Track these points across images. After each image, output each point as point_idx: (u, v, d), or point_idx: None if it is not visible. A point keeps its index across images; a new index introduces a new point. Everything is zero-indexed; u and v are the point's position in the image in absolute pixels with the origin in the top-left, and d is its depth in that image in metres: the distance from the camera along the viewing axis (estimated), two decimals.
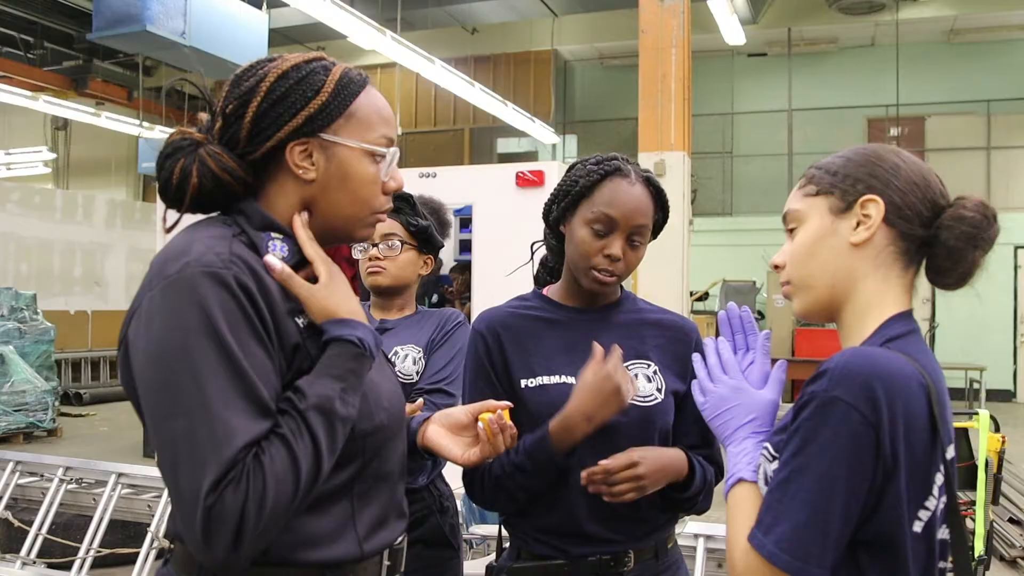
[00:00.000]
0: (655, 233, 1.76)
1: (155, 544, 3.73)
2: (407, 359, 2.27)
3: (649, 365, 1.72)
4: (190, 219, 1.28)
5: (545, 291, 1.82)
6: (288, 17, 10.59)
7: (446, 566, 2.27)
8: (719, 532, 3.08)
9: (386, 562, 1.30)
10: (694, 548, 2.99)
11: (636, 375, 1.69)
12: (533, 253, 1.92)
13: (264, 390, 1.12)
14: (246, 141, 1.23)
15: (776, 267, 1.30)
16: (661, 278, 6.33)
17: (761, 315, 13.35)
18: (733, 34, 12.95)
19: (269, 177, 1.26)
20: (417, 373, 2.26)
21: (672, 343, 1.77)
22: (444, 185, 6.11)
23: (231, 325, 1.10)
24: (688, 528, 2.95)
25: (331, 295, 1.24)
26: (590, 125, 16.62)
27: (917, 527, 1.10)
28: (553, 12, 12.98)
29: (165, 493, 3.82)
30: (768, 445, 1.20)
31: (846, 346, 1.25)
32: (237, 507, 1.04)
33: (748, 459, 1.23)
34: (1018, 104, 14.25)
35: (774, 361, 1.34)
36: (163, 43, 6.75)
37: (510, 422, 1.47)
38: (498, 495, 1.69)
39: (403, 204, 2.34)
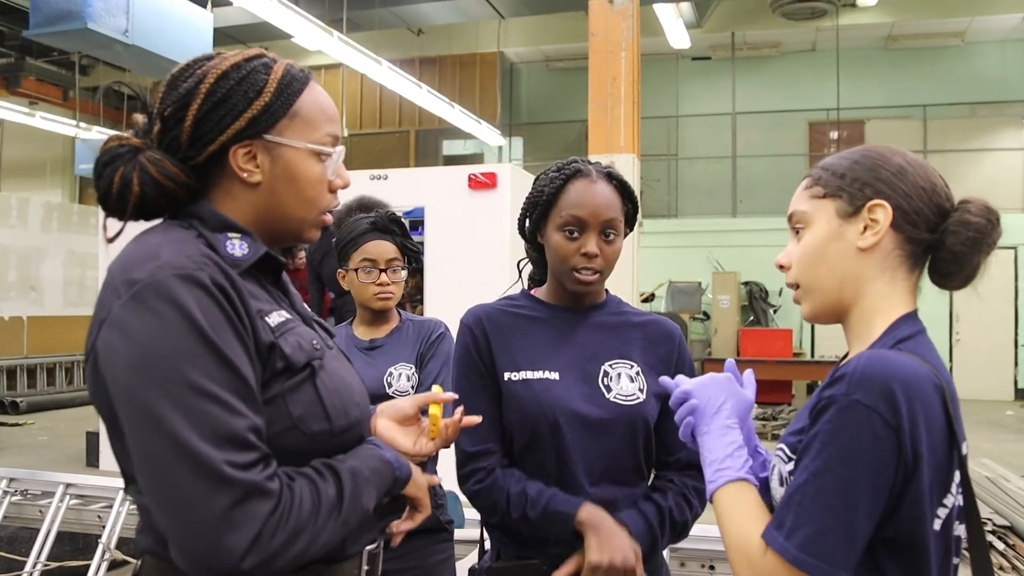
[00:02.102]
0: (630, 225, 1.78)
1: (107, 556, 3.62)
2: (401, 377, 2.36)
3: (632, 366, 1.74)
4: (134, 227, 1.22)
5: (533, 292, 1.85)
6: (232, 17, 10.41)
7: (439, 547, 2.37)
8: (692, 533, 3.08)
9: (364, 566, 1.29)
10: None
11: (619, 374, 1.72)
12: (520, 271, 1.92)
13: (254, 387, 1.10)
14: (187, 145, 1.18)
15: (781, 267, 1.31)
16: (611, 280, 6.33)
17: (706, 315, 13.51)
18: (678, 38, 13.09)
19: (214, 180, 1.22)
20: (412, 388, 2.35)
21: (656, 345, 1.78)
22: (395, 187, 6.07)
23: (213, 325, 1.07)
24: None
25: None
26: (536, 127, 16.67)
27: (936, 525, 1.12)
28: (500, 14, 12.96)
29: (116, 503, 3.71)
30: (784, 446, 1.20)
31: (853, 346, 1.26)
32: (262, 515, 1.03)
33: (734, 456, 1.23)
34: (952, 109, 14.66)
35: (722, 361, 1.40)
36: (104, 41, 6.57)
37: (457, 417, 1.47)
38: (500, 517, 1.71)
39: (395, 227, 2.41)
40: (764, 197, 15.13)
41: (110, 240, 1.21)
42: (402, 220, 2.44)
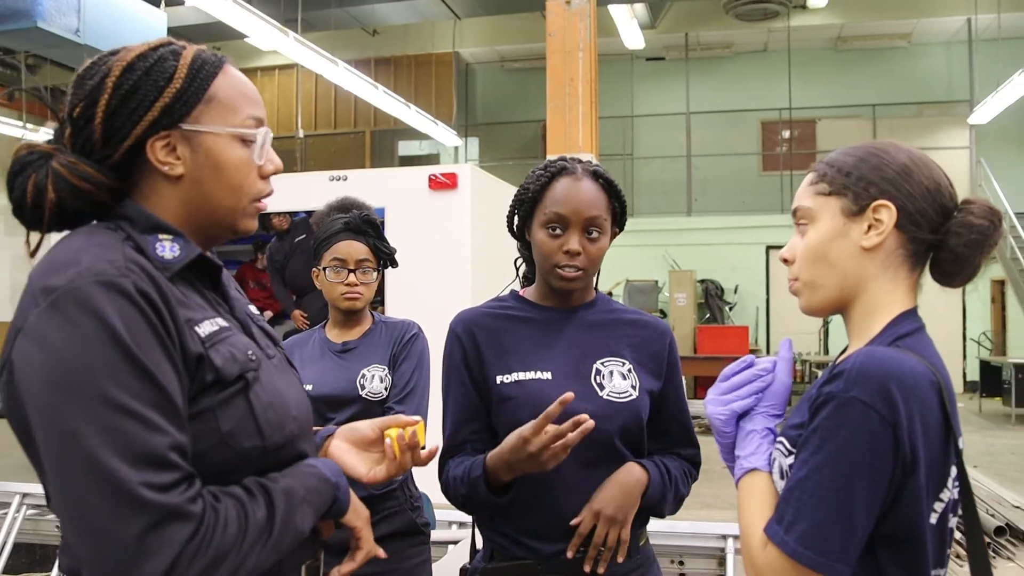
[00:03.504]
0: (619, 224, 1.79)
1: None
2: (374, 379, 2.34)
3: (624, 363, 1.74)
4: (54, 239, 1.15)
5: (522, 292, 1.85)
6: (186, 16, 10.27)
7: (417, 550, 2.36)
8: (652, 528, 3.11)
9: None
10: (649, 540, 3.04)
11: (611, 372, 1.72)
12: (518, 269, 1.92)
13: (177, 401, 1.03)
14: (101, 144, 1.11)
15: (785, 260, 1.31)
16: None
17: (663, 314, 13.61)
18: (633, 38, 13.20)
19: (135, 179, 1.16)
20: (386, 389, 2.34)
21: (647, 342, 1.79)
22: (355, 188, 5.98)
23: (135, 335, 1.01)
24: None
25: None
26: (492, 128, 16.68)
27: (932, 519, 1.14)
28: (455, 14, 12.95)
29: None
30: (783, 439, 1.22)
31: (853, 341, 1.28)
32: (179, 542, 0.96)
33: (760, 448, 1.25)
34: (900, 108, 14.96)
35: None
36: (54, 41, 6.43)
37: (421, 439, 1.41)
38: (472, 507, 1.73)
39: (370, 228, 2.40)
40: (718, 196, 15.31)
41: (31, 254, 1.15)
42: (376, 222, 2.42)
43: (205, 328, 1.12)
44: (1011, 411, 10.80)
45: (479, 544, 1.81)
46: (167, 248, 1.13)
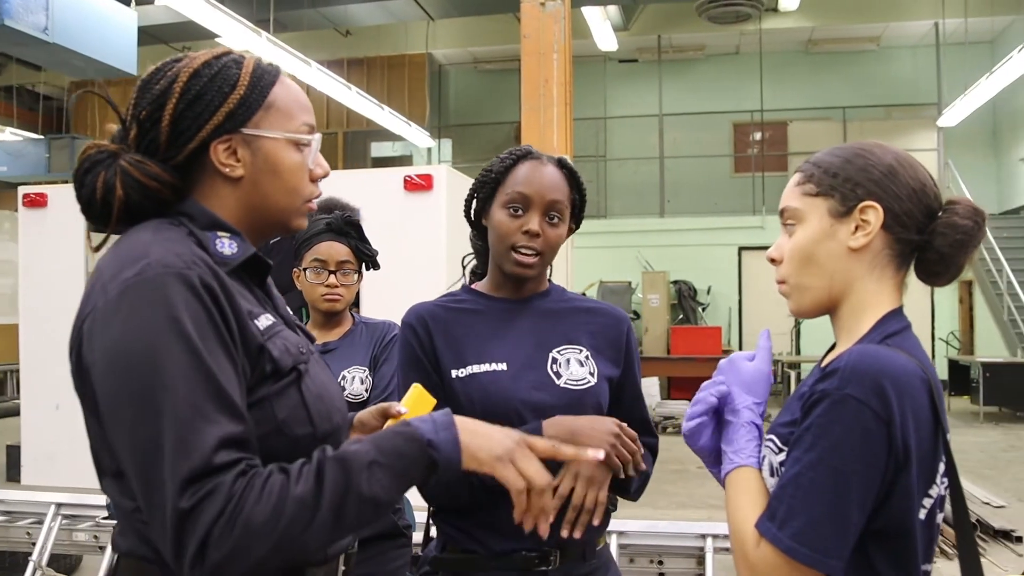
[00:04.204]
0: (577, 219, 1.78)
1: (38, 574, 3.49)
2: (355, 381, 2.32)
3: (581, 350, 1.73)
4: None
5: (474, 286, 1.82)
6: (156, 16, 10.14)
7: (399, 552, 2.34)
8: (631, 528, 3.13)
9: (341, 567, 1.29)
10: (608, 545, 3.03)
11: (568, 360, 1.71)
12: (465, 267, 1.90)
13: (233, 393, 1.08)
14: (166, 146, 1.18)
15: (772, 260, 1.32)
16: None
17: (636, 315, 13.67)
18: (605, 40, 13.25)
19: (196, 179, 1.22)
20: (366, 391, 2.32)
21: (605, 328, 1.78)
22: (329, 189, 5.97)
23: (198, 327, 1.06)
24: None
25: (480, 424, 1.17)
26: (465, 129, 16.67)
27: (922, 514, 1.16)
28: (429, 15, 12.92)
29: (47, 519, 3.59)
30: (774, 437, 1.23)
31: (841, 340, 1.29)
32: (208, 520, 1.00)
33: (748, 444, 1.25)
34: (870, 111, 15.12)
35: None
36: (22, 39, 6.35)
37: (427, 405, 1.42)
38: (438, 497, 1.70)
39: (351, 230, 2.38)
40: (691, 197, 15.40)
41: (96, 250, 1.20)
42: (359, 223, 2.40)
43: (262, 321, 1.18)
44: (979, 409, 10.96)
45: (433, 532, 1.79)
46: (226, 245, 1.19)
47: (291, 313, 1.38)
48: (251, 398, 1.13)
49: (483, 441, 1.15)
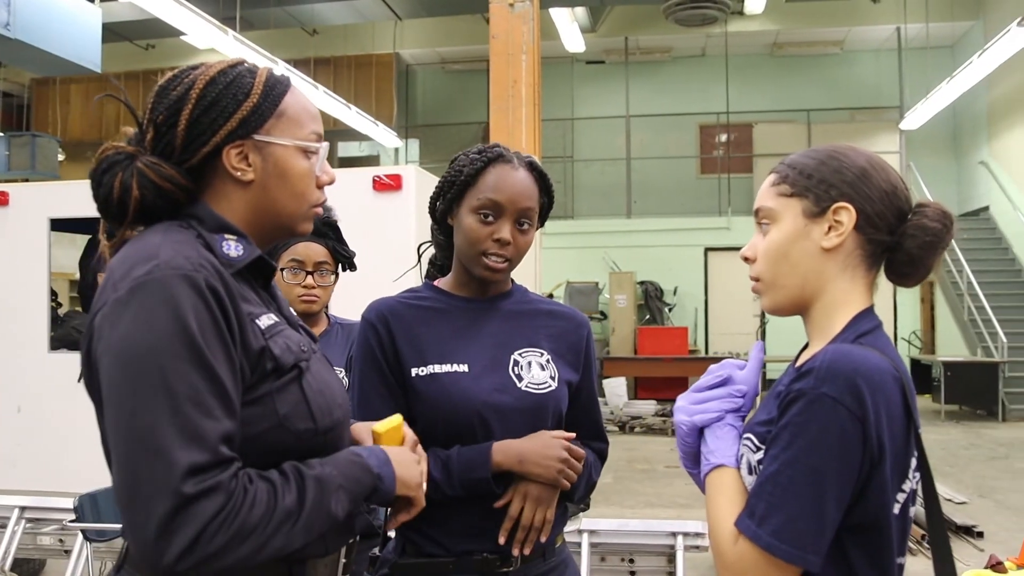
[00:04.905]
0: (542, 219, 1.78)
1: None
2: None
3: (542, 353, 1.73)
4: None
5: (436, 282, 1.81)
6: (120, 12, 10.04)
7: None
8: (602, 527, 3.14)
9: (342, 559, 1.34)
10: (579, 544, 3.04)
11: (530, 363, 1.71)
12: (420, 255, 1.89)
13: (231, 393, 1.13)
14: (181, 149, 1.24)
15: (746, 259, 1.34)
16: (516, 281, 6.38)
17: (603, 315, 13.73)
18: (573, 42, 13.30)
19: (208, 182, 1.28)
20: None
21: (565, 333, 1.78)
22: None
23: (201, 327, 1.11)
24: (570, 524, 3.01)
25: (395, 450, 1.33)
26: (432, 129, 16.64)
27: (895, 508, 1.18)
28: (396, 15, 12.90)
29: (11, 523, 3.53)
30: (751, 436, 1.24)
31: (813, 339, 1.31)
32: (208, 514, 1.05)
33: (728, 444, 1.27)
34: (833, 113, 15.32)
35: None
36: None
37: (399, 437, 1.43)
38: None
39: (329, 231, 2.37)
40: (657, 198, 15.50)
41: (112, 249, 1.25)
42: (337, 224, 2.39)
43: (264, 321, 1.23)
44: (940, 408, 11.15)
45: (391, 533, 1.77)
46: (232, 247, 1.24)
47: (294, 313, 1.41)
48: (253, 395, 1.19)
49: (406, 471, 1.32)
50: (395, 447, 1.36)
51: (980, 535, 5.40)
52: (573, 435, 1.67)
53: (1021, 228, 12.67)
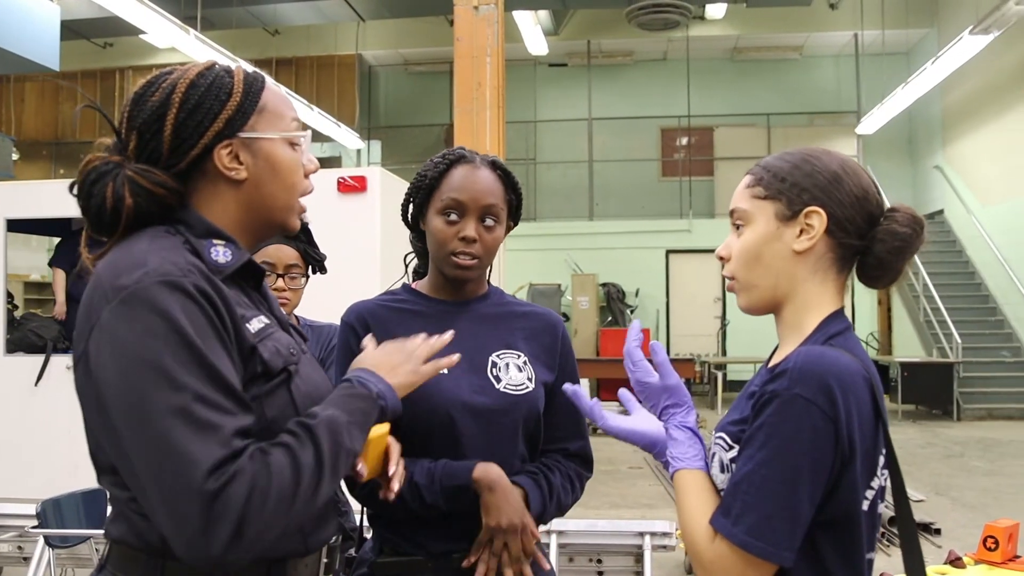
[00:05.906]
0: (514, 217, 1.80)
1: None
2: None
3: (519, 355, 1.75)
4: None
5: (414, 285, 1.82)
6: (79, 10, 9.87)
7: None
8: (571, 527, 3.16)
9: (324, 559, 1.34)
10: (547, 544, 3.06)
11: (507, 364, 1.73)
12: (407, 265, 1.90)
13: (238, 388, 1.15)
14: (169, 154, 1.24)
15: (720, 258, 1.37)
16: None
17: (566, 317, 13.77)
18: (536, 44, 13.33)
19: (197, 185, 1.28)
20: None
21: (540, 334, 1.80)
22: None
23: (197, 330, 1.12)
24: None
25: (370, 356, 1.38)
26: (395, 131, 16.59)
27: (865, 505, 1.21)
28: (359, 16, 12.84)
29: None
30: (724, 435, 1.27)
31: (784, 339, 1.34)
32: (241, 499, 1.06)
33: (688, 447, 1.31)
34: (793, 118, 15.52)
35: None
36: None
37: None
38: (372, 505, 1.70)
39: (300, 233, 2.32)
40: (619, 201, 15.59)
41: (96, 259, 1.24)
42: (308, 226, 2.38)
43: (254, 324, 1.24)
44: (898, 408, 11.32)
45: (367, 533, 1.78)
46: (220, 253, 1.25)
47: (285, 315, 1.41)
48: None
49: (400, 378, 1.37)
50: (373, 353, 1.40)
51: (938, 532, 5.49)
52: (540, 538, 1.65)
53: (975, 231, 12.91)
